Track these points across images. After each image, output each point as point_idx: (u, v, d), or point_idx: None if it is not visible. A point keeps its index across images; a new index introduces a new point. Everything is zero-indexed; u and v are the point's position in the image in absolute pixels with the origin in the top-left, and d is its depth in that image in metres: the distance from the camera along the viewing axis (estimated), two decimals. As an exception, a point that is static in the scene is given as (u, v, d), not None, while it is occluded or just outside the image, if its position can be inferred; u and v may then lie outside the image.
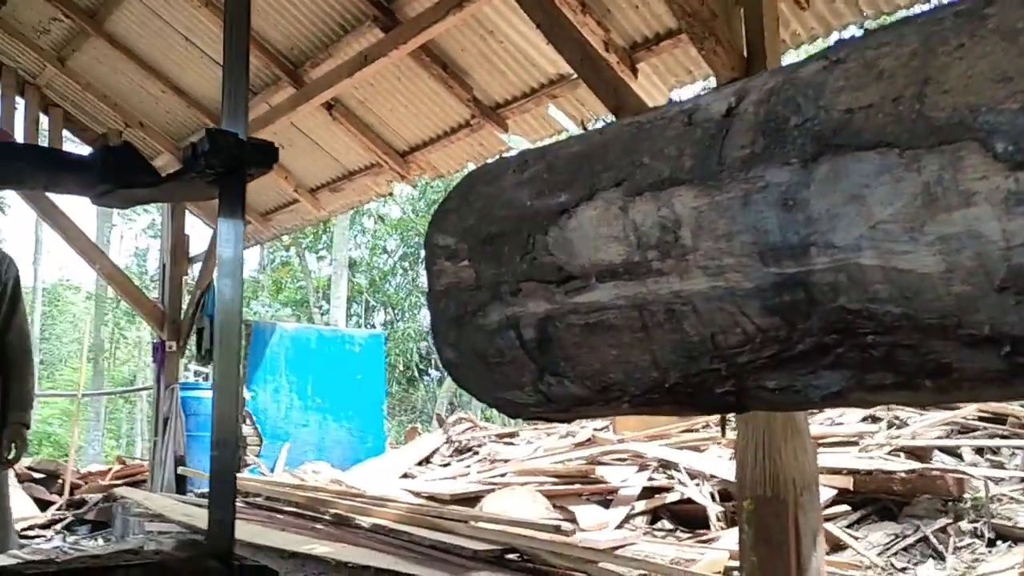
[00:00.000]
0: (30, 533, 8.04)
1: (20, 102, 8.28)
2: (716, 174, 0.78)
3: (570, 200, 0.89)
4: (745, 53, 3.51)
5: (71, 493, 9.27)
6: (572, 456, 6.83)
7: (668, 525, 5.47)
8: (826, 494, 4.58)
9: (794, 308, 0.74)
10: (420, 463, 8.67)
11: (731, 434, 4.36)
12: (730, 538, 4.66)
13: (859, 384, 0.78)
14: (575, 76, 5.29)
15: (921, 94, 0.65)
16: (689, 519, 5.41)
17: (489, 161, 1.11)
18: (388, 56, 5.65)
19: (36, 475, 9.71)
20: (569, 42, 4.69)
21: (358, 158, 7.51)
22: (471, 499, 6.17)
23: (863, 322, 0.70)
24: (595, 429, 7.72)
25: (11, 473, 4.70)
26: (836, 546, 4.53)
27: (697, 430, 6.87)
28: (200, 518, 5.68)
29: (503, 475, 6.75)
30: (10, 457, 3.47)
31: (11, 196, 23.91)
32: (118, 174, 1.60)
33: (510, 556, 4.55)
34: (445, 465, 8.48)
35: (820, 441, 5.49)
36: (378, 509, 5.62)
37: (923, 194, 0.63)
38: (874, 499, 4.98)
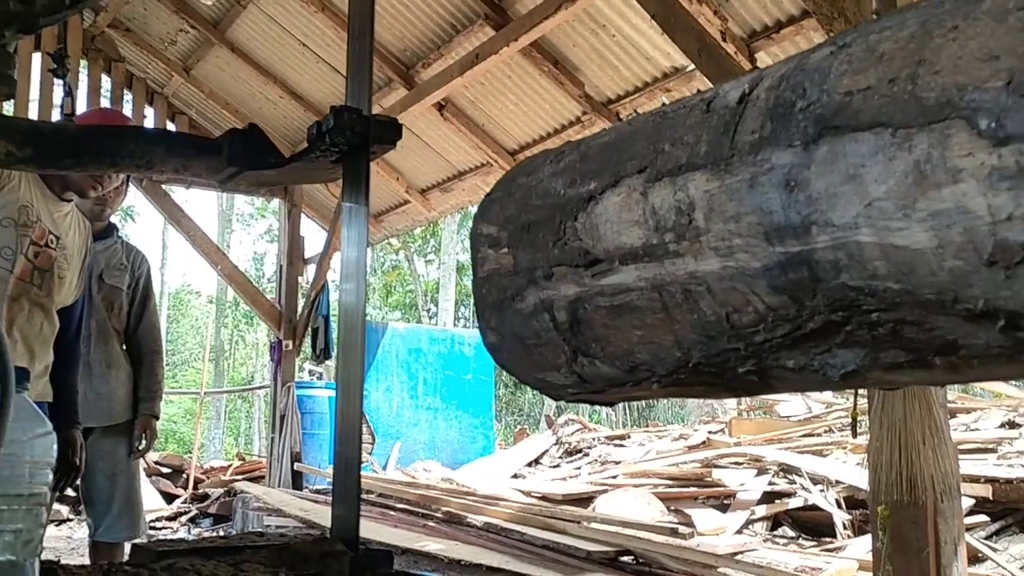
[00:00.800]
0: (157, 525, 8.37)
1: (149, 111, 8.66)
2: (727, 158, 0.81)
3: (597, 188, 0.94)
4: (876, 34, 3.33)
5: (195, 487, 9.62)
6: (686, 459, 6.67)
7: (790, 532, 5.27)
8: (963, 503, 4.32)
9: (800, 286, 0.77)
10: (529, 464, 8.64)
11: (862, 437, 4.16)
12: (858, 547, 4.44)
13: (874, 362, 0.79)
14: (690, 68, 5.17)
15: (915, 75, 0.68)
16: (813, 526, 5.20)
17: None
18: (499, 54, 5.63)
19: (163, 470, 10.13)
20: (685, 33, 4.57)
21: (468, 158, 7.54)
22: (583, 500, 6.09)
23: (866, 299, 0.73)
24: (710, 432, 7.54)
25: (141, 466, 4.86)
26: (974, 558, 4.26)
27: (819, 434, 6.62)
28: (316, 513, 5.78)
29: (615, 477, 6.64)
30: (140, 447, 3.57)
31: (140, 203, 25.08)
32: (245, 157, 1.60)
33: (624, 558, 4.46)
34: (555, 466, 8.42)
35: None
36: (489, 508, 5.60)
37: (914, 172, 0.66)
38: (1015, 509, 4.68)
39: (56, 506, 7.78)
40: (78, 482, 3.09)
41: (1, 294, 2.51)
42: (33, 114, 7.33)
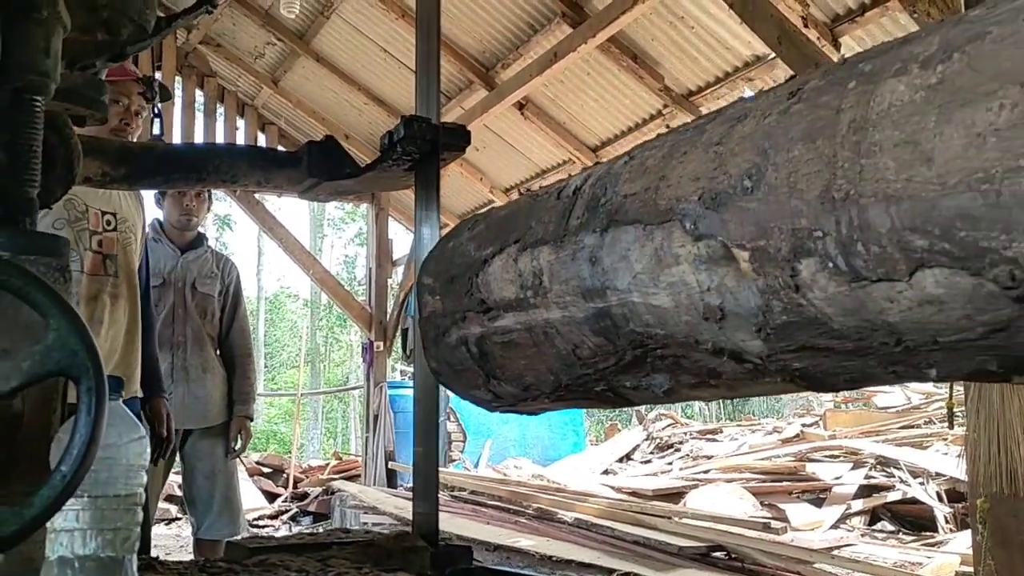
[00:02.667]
0: (259, 523, 8.65)
1: (240, 123, 8.96)
2: (562, 237, 1.08)
3: (491, 252, 1.22)
4: (964, 11, 3.23)
5: (294, 486, 9.90)
6: (779, 452, 6.56)
7: (889, 526, 5.13)
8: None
9: (609, 331, 1.03)
10: (621, 460, 8.62)
11: (959, 428, 4.03)
12: (961, 541, 4.30)
13: (678, 383, 1.04)
14: (772, 56, 5.08)
15: (658, 187, 0.94)
16: (913, 520, 5.05)
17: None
18: (577, 51, 5.63)
19: (264, 469, 10.46)
20: (765, 20, 4.50)
21: (550, 156, 7.56)
22: (674, 495, 6.05)
23: (649, 340, 0.99)
24: (803, 425, 7.39)
25: (240, 466, 4.99)
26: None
27: (918, 426, 6.42)
28: (409, 511, 5.88)
29: (707, 472, 6.58)
30: (236, 448, 3.70)
31: (236, 213, 25.91)
32: (322, 168, 1.67)
33: (716, 554, 4.41)
34: (646, 462, 8.38)
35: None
36: (580, 504, 5.62)
37: (655, 256, 0.92)
38: None
39: (165, 505, 8.12)
40: (176, 476, 3.17)
41: (76, 296, 2.49)
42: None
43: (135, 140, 2.65)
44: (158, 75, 7.73)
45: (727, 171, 0.86)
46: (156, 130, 1.81)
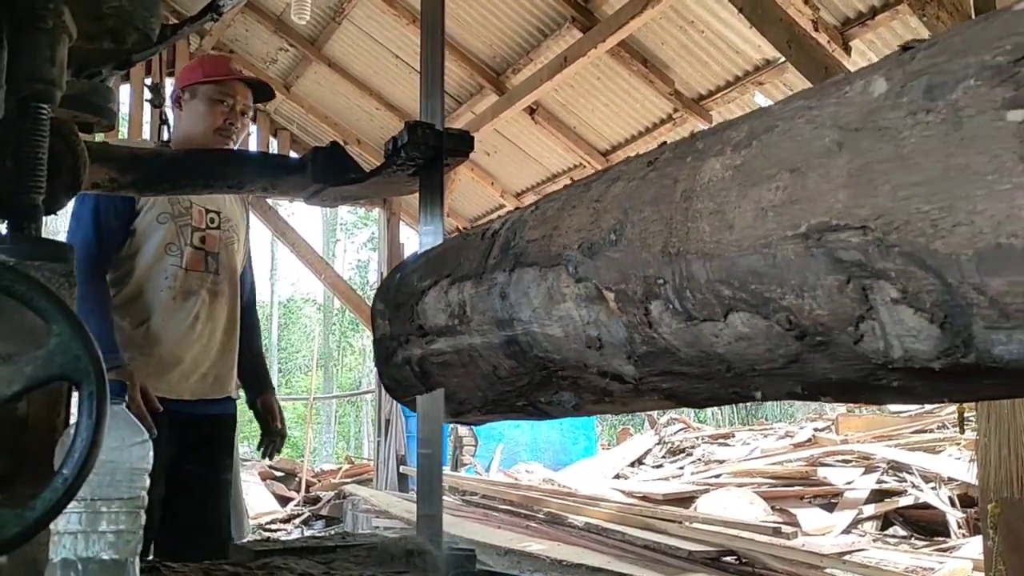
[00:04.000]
0: (272, 527, 8.67)
1: (253, 128, 9.00)
2: (481, 274, 1.25)
3: (428, 284, 1.39)
4: (973, 15, 3.21)
5: (307, 490, 9.92)
6: (791, 457, 6.53)
7: (901, 531, 5.11)
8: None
9: (518, 355, 1.21)
10: (632, 464, 8.60)
11: (971, 433, 4.01)
12: (973, 546, 4.28)
13: (583, 399, 1.21)
14: (782, 60, 5.08)
15: (551, 235, 1.11)
16: (925, 525, 5.03)
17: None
18: (587, 56, 5.64)
19: (276, 473, 10.49)
20: (775, 25, 4.50)
21: (560, 160, 7.57)
22: (684, 499, 6.04)
23: (549, 363, 1.17)
24: (816, 429, 7.36)
25: (253, 470, 4.91)
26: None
27: (931, 430, 6.39)
28: (421, 514, 5.90)
29: (718, 476, 6.56)
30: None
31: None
32: (328, 173, 1.68)
33: (727, 558, 4.40)
34: (658, 466, 8.36)
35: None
36: (590, 508, 5.61)
37: (548, 294, 1.10)
38: None
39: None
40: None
41: (173, 290, 2.45)
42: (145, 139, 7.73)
43: (238, 141, 2.63)
44: (169, 81, 7.79)
45: (600, 225, 1.03)
46: (165, 136, 1.82)
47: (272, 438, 2.72)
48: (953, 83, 0.71)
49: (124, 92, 7.73)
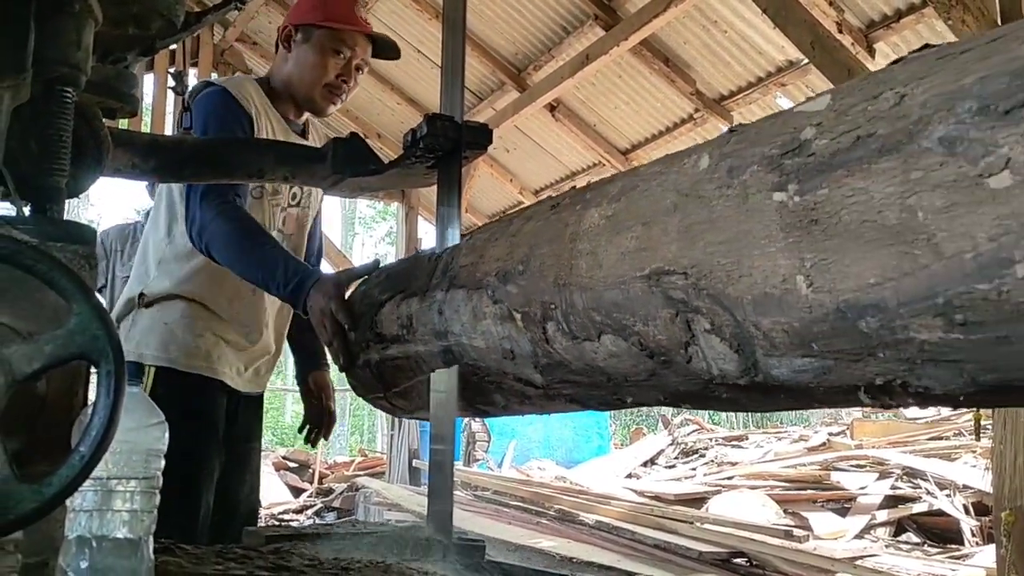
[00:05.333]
0: (284, 517, 8.71)
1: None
2: (425, 291, 1.46)
3: (386, 298, 1.59)
4: (999, 19, 3.19)
5: (319, 482, 9.97)
6: (805, 461, 6.51)
7: (914, 538, 5.08)
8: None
9: (452, 362, 1.41)
10: (645, 464, 8.59)
11: (987, 441, 3.98)
12: (986, 554, 4.25)
13: (509, 401, 1.41)
14: (805, 62, 5.05)
15: (478, 263, 1.32)
16: (939, 532, 4.99)
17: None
18: (609, 54, 5.63)
19: (290, 464, 10.54)
20: (799, 26, 4.48)
21: (580, 158, 7.56)
22: (696, 500, 6.02)
23: (478, 370, 1.37)
24: (830, 434, 7.33)
25: (266, 460, 4.79)
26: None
27: (947, 437, 6.34)
28: (433, 508, 5.91)
29: (730, 478, 6.54)
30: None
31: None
32: (347, 164, 1.69)
33: (737, 560, 4.39)
34: (670, 467, 8.35)
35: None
36: (601, 507, 5.61)
37: (474, 311, 1.30)
38: None
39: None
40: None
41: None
42: (171, 128, 7.78)
43: (346, 100, 2.32)
44: (193, 71, 7.84)
45: (513, 257, 1.24)
46: (186, 123, 1.81)
47: (321, 419, 2.38)
48: (744, 167, 0.89)
49: (148, 81, 7.78)
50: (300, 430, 2.43)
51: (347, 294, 1.74)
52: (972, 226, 0.69)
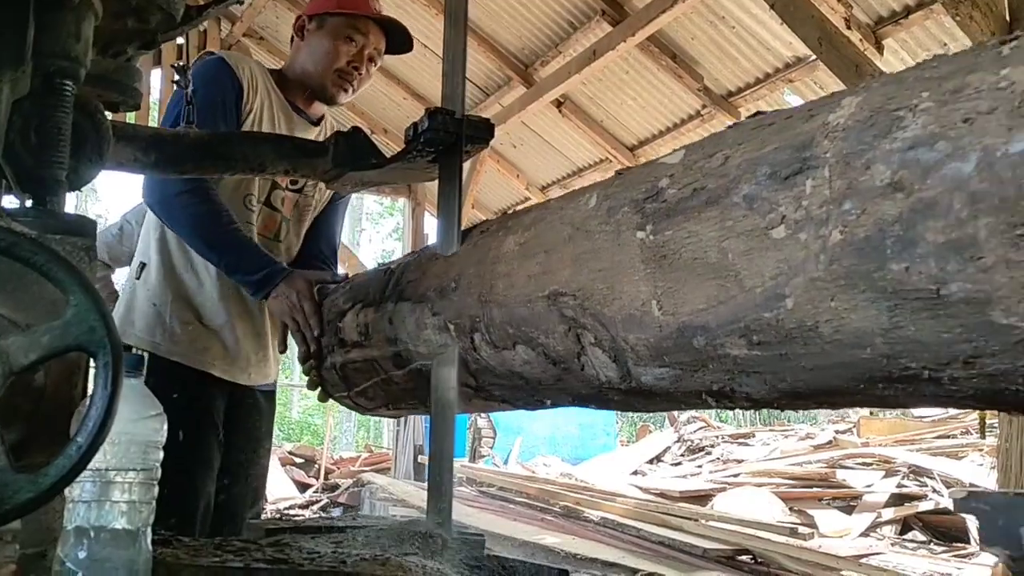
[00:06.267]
0: (290, 512, 8.73)
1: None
2: (380, 302, 1.62)
3: (348, 306, 1.75)
4: (1007, 16, 3.17)
5: (325, 477, 9.99)
6: (811, 459, 6.50)
7: (920, 536, 5.06)
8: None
9: (402, 365, 1.59)
10: (651, 461, 8.59)
11: (991, 438, 3.96)
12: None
13: (425, 401, 1.58)
14: (813, 58, 5.03)
15: (421, 279, 1.52)
16: (946, 531, 4.98)
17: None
18: (616, 49, 5.62)
19: (296, 460, 10.56)
20: (806, 22, 4.46)
21: (587, 154, 7.56)
22: (701, 497, 6.02)
23: (423, 373, 1.53)
24: (837, 431, 7.31)
25: (272, 455, 4.71)
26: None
27: (955, 436, 6.33)
28: (438, 504, 5.91)
29: (736, 475, 6.53)
30: None
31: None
32: (348, 157, 1.69)
33: (742, 557, 4.39)
34: (676, 464, 8.34)
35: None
36: (606, 503, 5.61)
37: (418, 322, 1.48)
38: None
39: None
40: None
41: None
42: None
43: (358, 90, 2.27)
44: (201, 67, 7.84)
45: (448, 275, 1.42)
46: (190, 116, 1.80)
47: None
48: (619, 207, 1.08)
49: (156, 77, 7.79)
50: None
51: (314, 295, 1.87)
52: (761, 267, 0.88)
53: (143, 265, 2.13)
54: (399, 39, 2.33)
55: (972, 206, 0.73)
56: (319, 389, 1.92)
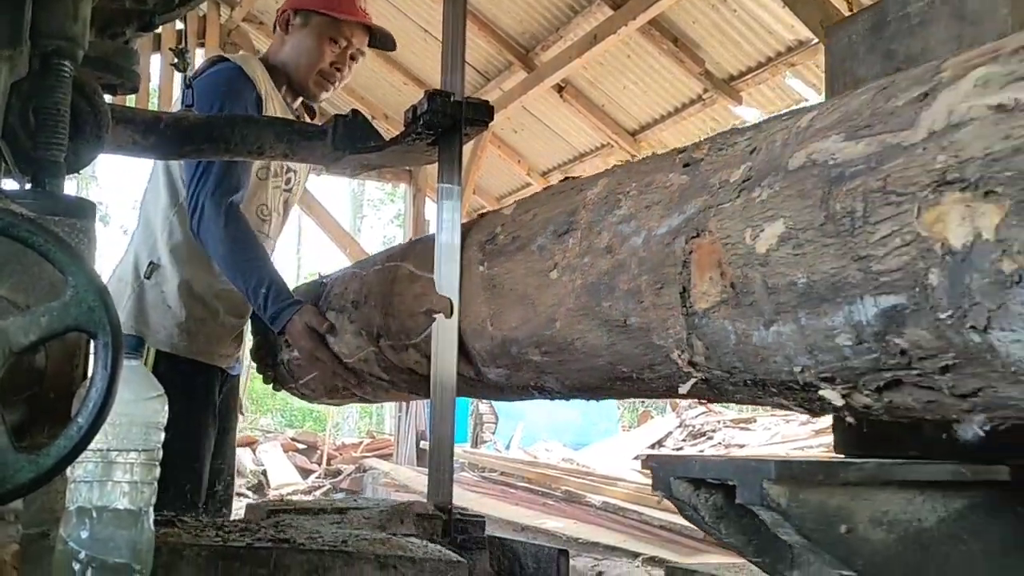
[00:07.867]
0: (293, 498, 8.76)
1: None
2: (350, 310, 1.86)
3: (339, 311, 1.96)
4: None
5: (328, 463, 10.01)
6: (813, 443, 6.51)
7: (919, 520, 5.08)
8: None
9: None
10: (652, 446, 8.61)
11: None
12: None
13: (376, 390, 1.97)
14: (815, 41, 5.01)
15: (343, 293, 1.92)
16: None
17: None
18: (618, 33, 5.59)
19: (298, 445, 10.59)
20: (809, 4, 4.45)
21: (588, 139, 7.54)
22: (703, 482, 6.03)
23: (349, 369, 1.91)
24: (838, 416, 7.32)
25: (275, 441, 4.74)
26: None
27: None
28: (440, 488, 5.93)
29: (737, 460, 6.55)
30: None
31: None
32: (348, 141, 1.69)
33: (743, 541, 4.40)
34: (678, 449, 8.36)
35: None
36: (607, 487, 5.63)
37: (342, 328, 1.84)
38: None
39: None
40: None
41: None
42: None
43: (339, 88, 2.35)
44: (200, 52, 7.82)
45: (361, 292, 1.78)
46: (188, 100, 1.81)
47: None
48: (469, 246, 1.48)
49: (155, 63, 7.77)
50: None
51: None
52: (546, 299, 1.24)
53: (152, 265, 2.14)
54: (383, 37, 2.35)
55: (639, 267, 1.06)
56: (273, 381, 2.27)
